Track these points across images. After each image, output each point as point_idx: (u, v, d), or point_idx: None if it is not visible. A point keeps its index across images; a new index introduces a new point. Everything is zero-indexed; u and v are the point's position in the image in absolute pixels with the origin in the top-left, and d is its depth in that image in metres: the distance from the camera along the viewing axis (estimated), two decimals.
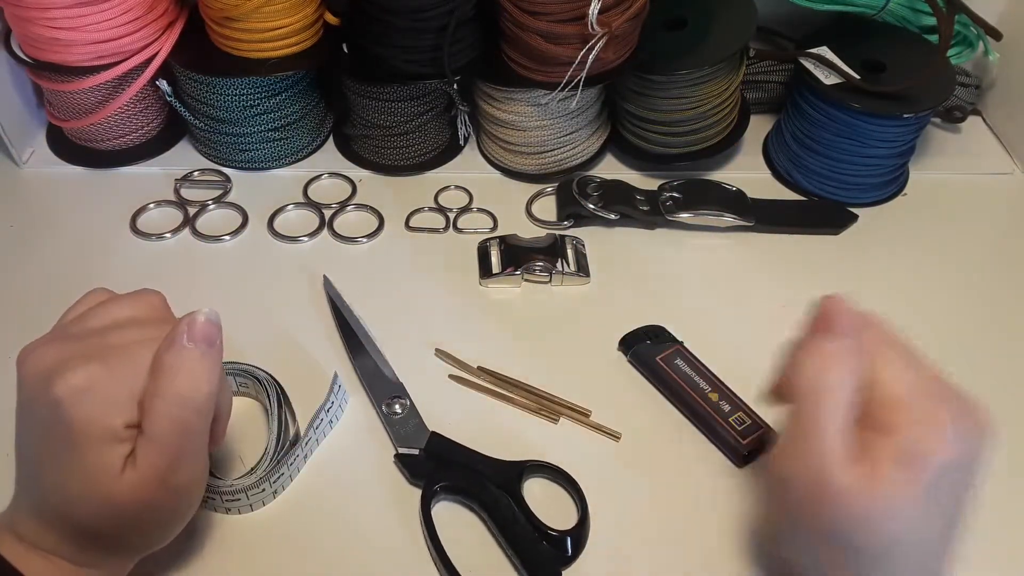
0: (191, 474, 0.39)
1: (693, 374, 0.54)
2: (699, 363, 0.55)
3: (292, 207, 0.67)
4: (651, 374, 0.55)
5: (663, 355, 0.55)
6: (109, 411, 0.36)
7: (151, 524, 0.40)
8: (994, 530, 0.48)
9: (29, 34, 0.63)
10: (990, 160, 0.74)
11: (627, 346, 0.57)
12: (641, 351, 0.56)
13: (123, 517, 0.38)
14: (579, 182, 0.66)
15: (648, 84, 0.66)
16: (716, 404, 0.53)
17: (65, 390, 0.36)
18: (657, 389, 0.55)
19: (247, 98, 0.66)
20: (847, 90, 0.64)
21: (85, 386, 0.36)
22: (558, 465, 0.49)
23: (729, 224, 0.65)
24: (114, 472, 0.36)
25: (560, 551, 0.46)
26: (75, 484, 0.37)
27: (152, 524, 0.40)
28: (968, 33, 0.71)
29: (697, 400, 0.53)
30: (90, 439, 0.36)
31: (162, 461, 0.37)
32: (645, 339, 0.57)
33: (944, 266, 0.64)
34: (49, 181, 0.69)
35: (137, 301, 0.41)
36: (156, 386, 0.37)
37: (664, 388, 0.55)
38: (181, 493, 0.39)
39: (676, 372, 0.54)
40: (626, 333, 0.57)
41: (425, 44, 0.62)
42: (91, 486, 0.36)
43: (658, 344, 0.56)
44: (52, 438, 0.37)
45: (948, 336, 0.59)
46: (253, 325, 0.58)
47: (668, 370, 0.55)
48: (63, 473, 0.37)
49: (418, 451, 0.50)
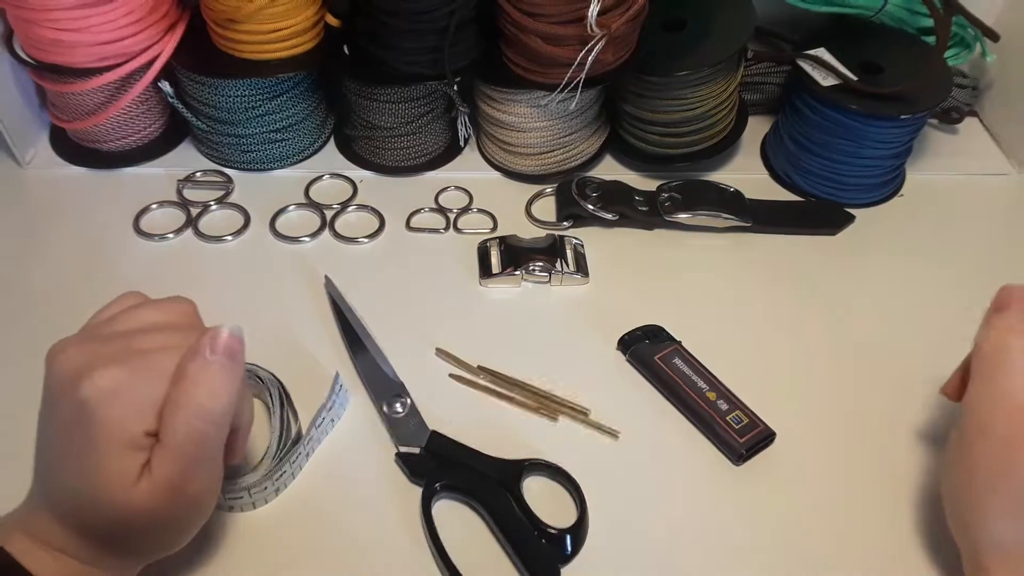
0: (204, 484, 0.40)
1: (691, 373, 0.55)
2: (697, 362, 0.55)
3: (293, 208, 0.68)
4: (650, 373, 0.56)
5: (661, 354, 0.56)
6: (132, 417, 0.37)
7: (162, 532, 0.40)
8: None
9: (32, 36, 0.63)
10: (987, 161, 0.75)
11: (625, 346, 0.57)
12: (639, 351, 0.56)
13: (135, 524, 0.38)
14: (578, 183, 0.66)
15: (647, 85, 0.66)
16: (714, 403, 0.53)
17: (92, 391, 0.36)
18: (655, 388, 0.55)
19: (249, 99, 0.66)
20: (844, 91, 0.65)
21: (111, 389, 0.36)
22: (557, 464, 0.50)
23: (727, 224, 0.65)
24: (130, 479, 0.37)
25: (559, 549, 0.46)
26: (91, 487, 0.37)
27: (163, 532, 0.40)
28: (965, 34, 0.72)
29: (695, 399, 0.53)
30: (111, 443, 0.36)
31: (176, 470, 0.37)
32: (643, 339, 0.57)
33: (941, 267, 0.65)
34: (52, 182, 0.70)
35: (169, 308, 0.42)
36: (176, 396, 0.37)
37: (662, 387, 0.55)
38: (193, 503, 0.40)
39: (674, 371, 0.55)
40: (624, 333, 0.57)
41: (425, 46, 0.63)
42: (106, 491, 0.37)
43: (656, 344, 0.57)
44: (74, 438, 0.37)
45: (946, 336, 0.60)
46: (255, 325, 0.57)
47: (666, 369, 0.55)
48: (81, 474, 0.37)
49: (419, 450, 0.50)
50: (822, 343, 0.59)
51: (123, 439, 0.36)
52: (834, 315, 0.61)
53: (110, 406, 0.36)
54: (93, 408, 0.36)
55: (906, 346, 0.59)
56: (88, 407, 0.36)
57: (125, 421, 0.36)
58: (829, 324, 0.60)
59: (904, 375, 0.56)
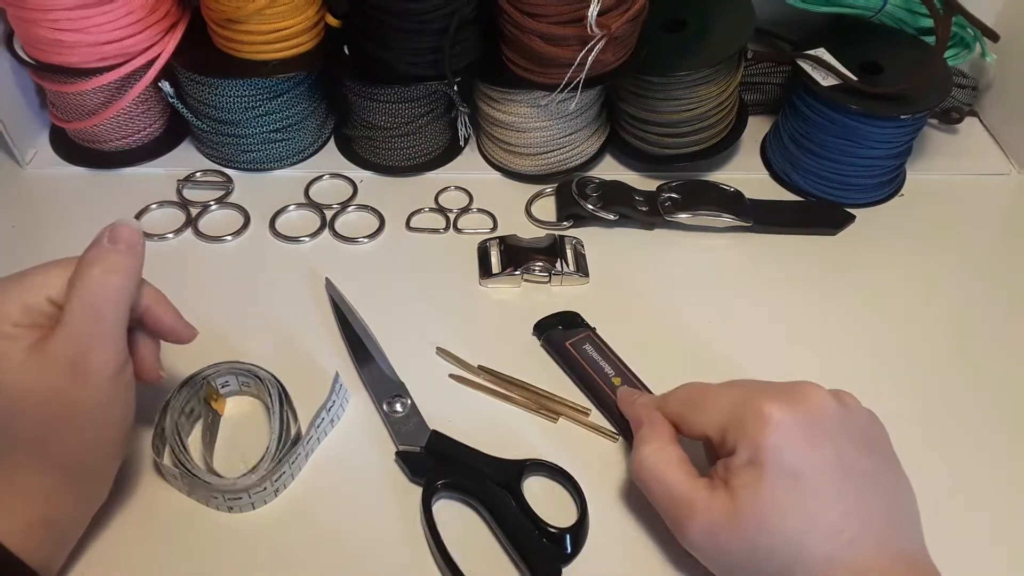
0: (101, 362, 0.40)
1: (600, 359, 0.55)
2: (609, 349, 0.56)
3: (293, 208, 0.68)
4: (563, 359, 0.56)
5: (573, 340, 0.56)
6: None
7: (66, 420, 0.40)
8: (994, 531, 0.49)
9: (32, 36, 0.63)
10: (987, 161, 0.75)
11: (540, 330, 0.58)
12: (554, 336, 0.57)
13: (30, 404, 0.39)
14: (578, 183, 0.66)
15: (647, 85, 0.66)
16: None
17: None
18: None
19: (249, 99, 0.66)
20: (844, 91, 0.65)
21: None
22: (558, 464, 0.50)
23: (727, 224, 0.65)
24: (10, 362, 0.39)
25: (560, 548, 0.46)
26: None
27: (66, 420, 0.40)
28: (965, 34, 0.72)
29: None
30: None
31: (70, 345, 0.39)
32: (557, 325, 0.57)
33: (941, 267, 0.65)
34: (52, 182, 0.70)
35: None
36: (73, 278, 0.40)
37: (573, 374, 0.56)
38: (90, 383, 0.40)
39: (584, 357, 0.55)
40: (539, 319, 0.58)
41: (426, 46, 0.63)
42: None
43: (570, 329, 0.57)
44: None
45: (945, 336, 0.60)
46: (255, 325, 0.58)
47: (576, 355, 0.56)
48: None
49: (419, 449, 0.50)
50: (822, 343, 0.59)
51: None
52: (834, 315, 0.61)
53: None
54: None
55: (906, 346, 0.59)
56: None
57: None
58: (829, 324, 0.60)
59: (904, 375, 0.57)
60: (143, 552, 0.46)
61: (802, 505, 0.39)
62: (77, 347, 0.39)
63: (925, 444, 0.48)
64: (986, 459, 0.52)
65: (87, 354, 0.39)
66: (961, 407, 0.55)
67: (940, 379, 0.57)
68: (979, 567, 0.46)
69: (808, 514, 0.39)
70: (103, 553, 0.46)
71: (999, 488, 0.51)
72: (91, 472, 0.43)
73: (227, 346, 0.55)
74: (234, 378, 0.53)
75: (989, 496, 0.50)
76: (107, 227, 0.42)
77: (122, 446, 0.44)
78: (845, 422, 0.42)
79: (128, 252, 0.41)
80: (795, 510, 0.39)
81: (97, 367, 0.40)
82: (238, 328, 0.58)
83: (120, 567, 0.46)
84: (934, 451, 0.51)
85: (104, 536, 0.46)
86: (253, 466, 0.48)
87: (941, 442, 0.53)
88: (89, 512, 0.44)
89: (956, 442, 0.53)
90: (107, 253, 0.41)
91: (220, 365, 0.52)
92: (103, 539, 0.46)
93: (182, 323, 0.46)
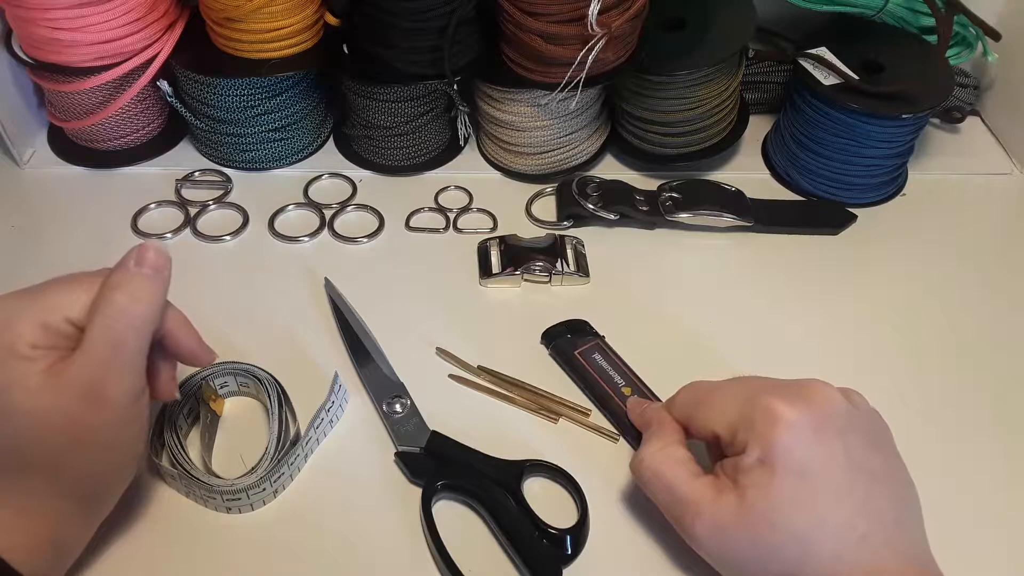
0: (119, 391, 0.39)
1: (608, 367, 0.55)
2: (618, 358, 0.56)
3: (292, 207, 0.67)
4: (572, 369, 0.56)
5: (581, 349, 0.56)
6: (5, 330, 0.38)
7: (80, 446, 0.39)
8: (995, 531, 0.49)
9: (30, 35, 0.63)
10: (989, 160, 0.74)
11: (549, 339, 0.57)
12: (562, 345, 0.56)
13: (45, 430, 0.38)
14: (579, 182, 0.66)
15: (648, 85, 0.66)
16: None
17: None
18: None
19: (248, 98, 0.66)
20: (846, 91, 0.65)
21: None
22: (558, 464, 0.50)
23: (728, 224, 0.65)
24: (26, 385, 0.37)
25: (560, 549, 0.46)
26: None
27: (81, 446, 0.39)
28: (967, 34, 0.71)
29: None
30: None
31: (89, 372, 0.38)
32: (566, 334, 0.57)
33: (943, 266, 0.64)
34: (50, 181, 0.70)
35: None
36: (97, 300, 0.39)
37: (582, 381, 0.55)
38: (107, 411, 0.39)
39: (593, 367, 0.55)
40: (548, 327, 0.58)
41: (425, 45, 0.62)
42: (7, 399, 0.37)
43: (579, 338, 0.57)
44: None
45: (946, 336, 0.60)
46: (254, 325, 0.58)
47: (586, 364, 0.55)
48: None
49: (419, 450, 0.50)
50: (824, 342, 0.59)
51: (8, 349, 0.37)
52: (836, 314, 0.60)
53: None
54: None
55: (906, 346, 0.58)
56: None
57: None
58: (831, 323, 0.60)
59: (905, 374, 0.56)
60: (142, 552, 0.46)
61: (812, 503, 0.39)
62: (96, 375, 0.38)
63: (925, 443, 0.48)
64: (986, 459, 0.52)
65: (105, 382, 0.38)
66: (962, 406, 0.55)
67: (941, 378, 0.57)
68: (979, 567, 0.46)
69: (818, 512, 0.39)
70: (101, 554, 0.45)
71: (999, 488, 0.51)
72: (102, 495, 0.42)
73: (226, 346, 0.55)
74: (233, 378, 0.53)
75: (989, 496, 0.50)
76: (134, 248, 0.40)
77: (134, 469, 0.43)
78: (854, 420, 0.41)
79: (154, 277, 0.40)
80: (805, 508, 0.39)
81: (115, 396, 0.39)
82: (237, 328, 0.57)
83: (119, 567, 0.45)
84: (934, 450, 0.51)
85: (102, 537, 0.46)
86: (252, 467, 0.48)
87: (941, 442, 0.52)
88: (94, 529, 0.44)
89: (956, 442, 0.53)
90: (133, 278, 0.39)
91: (219, 366, 0.52)
92: (101, 540, 0.46)
93: (202, 347, 0.45)
